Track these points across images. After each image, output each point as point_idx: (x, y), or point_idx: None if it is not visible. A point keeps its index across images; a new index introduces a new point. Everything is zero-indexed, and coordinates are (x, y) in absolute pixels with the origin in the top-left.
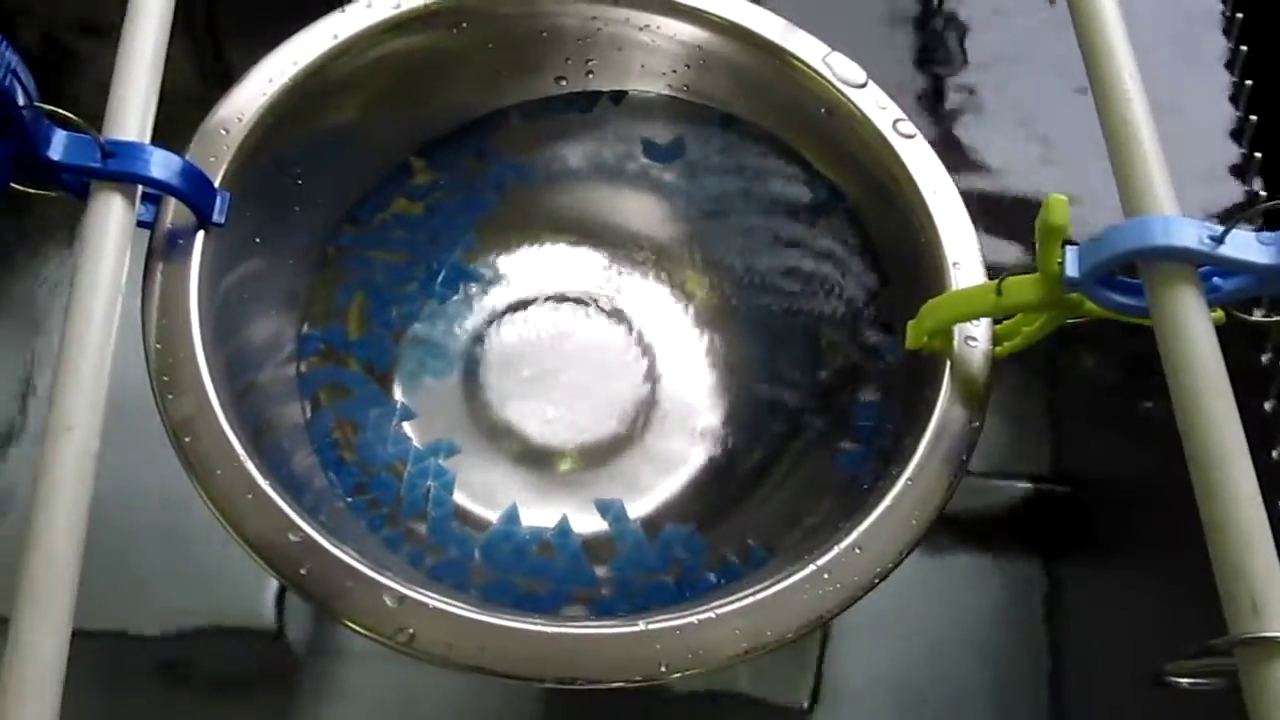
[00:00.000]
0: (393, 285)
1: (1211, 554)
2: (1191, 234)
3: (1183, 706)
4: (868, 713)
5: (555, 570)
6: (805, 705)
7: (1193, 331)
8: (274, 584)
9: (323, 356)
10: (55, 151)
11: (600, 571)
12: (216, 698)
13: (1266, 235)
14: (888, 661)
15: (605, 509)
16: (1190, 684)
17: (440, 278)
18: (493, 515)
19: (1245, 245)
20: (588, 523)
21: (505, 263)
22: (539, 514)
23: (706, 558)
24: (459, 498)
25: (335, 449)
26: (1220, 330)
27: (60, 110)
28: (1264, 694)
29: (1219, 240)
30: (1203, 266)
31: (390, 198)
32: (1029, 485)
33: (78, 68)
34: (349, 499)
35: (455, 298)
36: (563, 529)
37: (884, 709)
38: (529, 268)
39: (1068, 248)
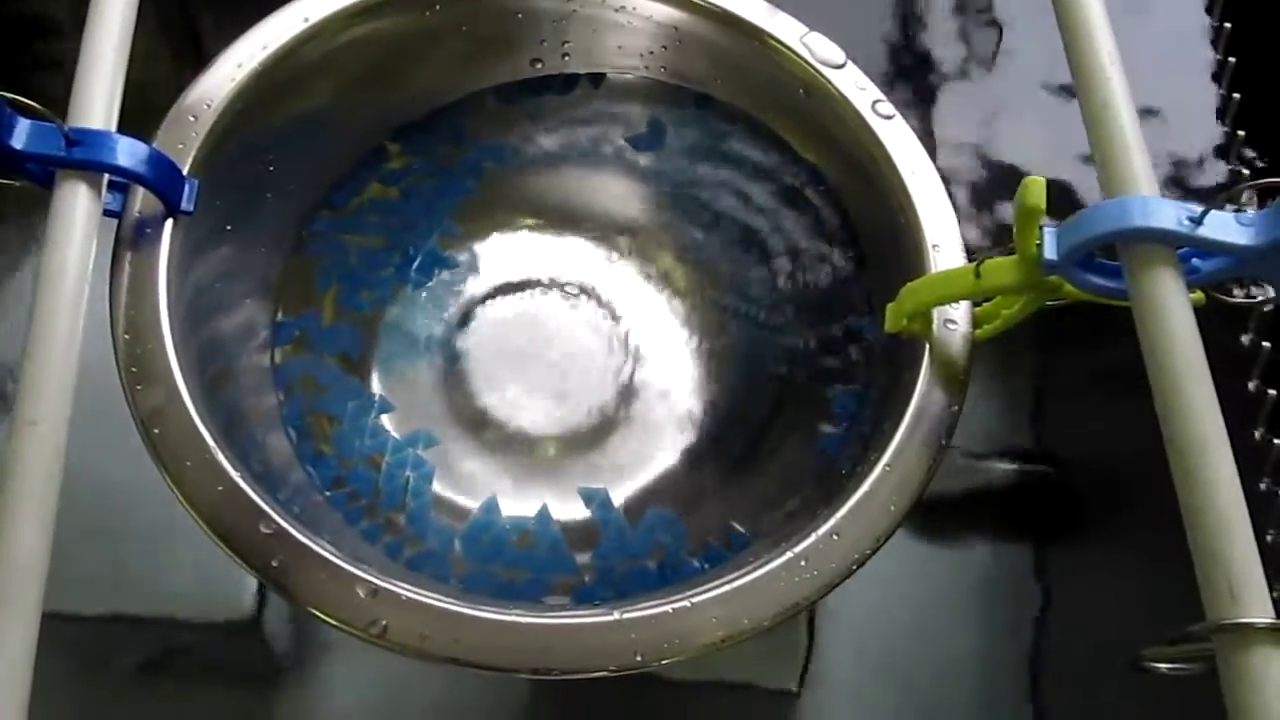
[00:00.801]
0: (368, 271)
1: (1190, 539)
2: (1170, 215)
3: (1165, 689)
4: (854, 696)
5: (536, 559)
6: (793, 689)
7: (1171, 314)
8: None
9: (297, 345)
10: (18, 140)
11: (583, 559)
12: (199, 687)
13: (1246, 216)
14: (873, 645)
15: (590, 497)
16: (1169, 669)
17: (416, 264)
18: (472, 505)
19: (1224, 226)
20: (568, 510)
21: (483, 248)
22: (519, 503)
23: (689, 542)
24: (438, 488)
25: (312, 441)
26: (1201, 311)
27: (23, 99)
28: (1240, 679)
29: (1198, 221)
30: (1182, 248)
31: (365, 182)
32: (1014, 467)
33: (42, 56)
34: (327, 492)
35: (432, 284)
36: (542, 517)
37: (870, 692)
38: (507, 253)
39: (1046, 229)
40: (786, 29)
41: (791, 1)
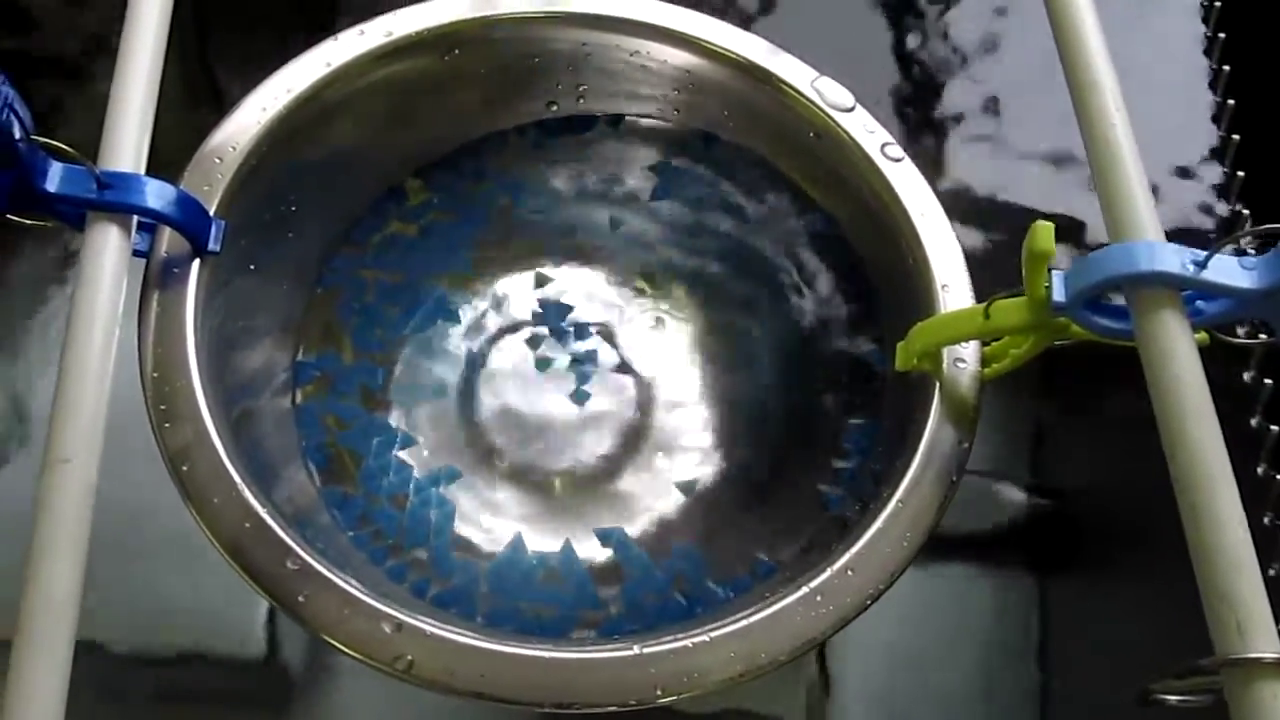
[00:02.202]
0: (388, 308)
1: (1197, 575)
2: (1174, 259)
3: None
4: None
5: (564, 596)
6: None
7: (1177, 355)
8: None
9: (318, 384)
10: (51, 183)
11: (608, 593)
12: (214, 715)
13: (1248, 260)
14: (879, 675)
15: (605, 536)
16: (1177, 702)
17: (435, 300)
18: (496, 542)
19: (1228, 270)
20: (592, 547)
21: (500, 285)
22: (543, 539)
23: (714, 573)
24: (460, 526)
25: (336, 479)
26: (1205, 348)
27: (55, 143)
28: (1249, 714)
29: (1202, 265)
30: (1186, 290)
31: (385, 220)
32: (1020, 499)
33: (74, 101)
34: (351, 532)
35: (450, 321)
36: (567, 554)
37: None
38: (523, 291)
39: (1054, 272)
40: (797, 74)
41: (800, 46)
